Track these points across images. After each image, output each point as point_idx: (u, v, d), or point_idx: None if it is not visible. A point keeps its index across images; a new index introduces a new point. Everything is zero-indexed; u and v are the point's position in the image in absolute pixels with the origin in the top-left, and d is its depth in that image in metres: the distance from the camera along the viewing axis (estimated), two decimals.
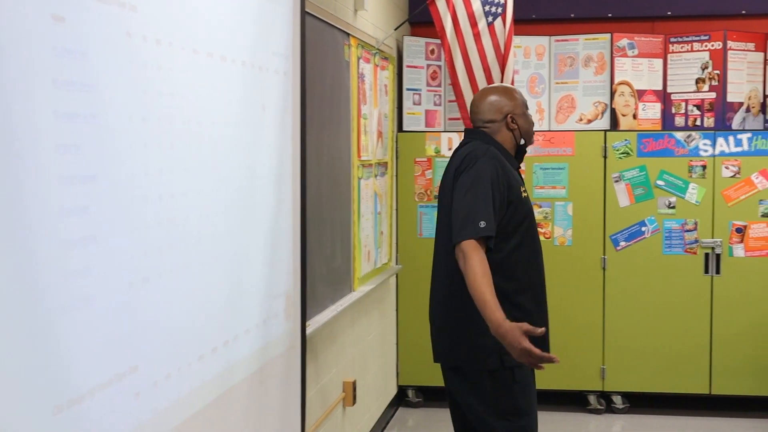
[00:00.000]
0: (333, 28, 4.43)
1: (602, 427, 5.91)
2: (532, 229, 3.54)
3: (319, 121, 4.19)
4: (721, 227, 5.93)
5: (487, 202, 3.29)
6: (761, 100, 6.11)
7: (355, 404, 4.81)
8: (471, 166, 3.39)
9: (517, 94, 3.64)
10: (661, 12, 6.43)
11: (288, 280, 3.19)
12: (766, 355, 5.95)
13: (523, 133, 3.61)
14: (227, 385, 2.66)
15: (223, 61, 2.61)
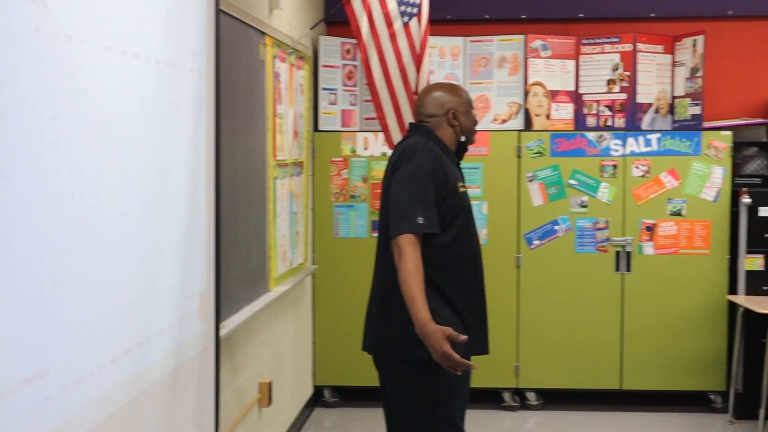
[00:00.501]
0: (248, 26, 4.40)
1: (516, 424, 5.98)
2: (469, 225, 3.56)
3: (234, 120, 4.15)
4: (632, 226, 6.06)
5: (425, 196, 3.33)
6: (670, 101, 6.25)
7: (270, 405, 4.79)
8: (408, 160, 3.42)
9: (462, 92, 3.67)
10: (573, 14, 6.52)
11: (202, 281, 3.15)
12: (675, 351, 6.09)
13: (464, 131, 3.64)
14: (140, 388, 2.62)
15: (137, 59, 2.57)
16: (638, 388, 6.16)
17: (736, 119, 6.32)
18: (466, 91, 3.71)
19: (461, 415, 3.55)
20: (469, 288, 3.52)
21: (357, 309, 6.12)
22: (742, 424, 5.85)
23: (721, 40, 6.42)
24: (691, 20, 6.41)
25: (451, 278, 3.46)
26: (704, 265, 6.05)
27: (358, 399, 6.26)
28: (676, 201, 6.04)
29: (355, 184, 6.15)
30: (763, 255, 5.93)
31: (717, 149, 6.02)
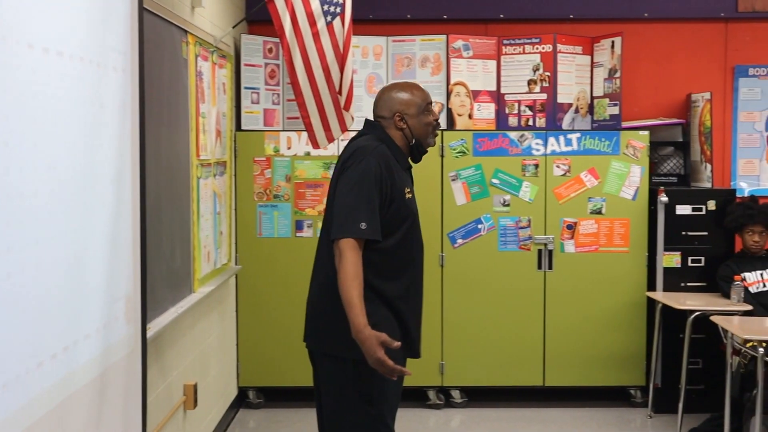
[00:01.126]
0: (170, 24, 4.34)
1: (441, 422, 6.01)
2: (414, 230, 3.56)
3: (158, 119, 4.10)
4: (553, 224, 6.14)
5: (370, 201, 3.33)
6: (589, 101, 6.35)
7: (196, 407, 4.73)
8: (357, 163, 3.42)
9: (416, 93, 3.61)
10: (494, 15, 6.58)
11: (128, 283, 3.10)
12: (596, 347, 6.19)
13: (414, 134, 3.59)
14: (68, 392, 2.56)
15: (60, 57, 2.51)
16: (560, 384, 6.24)
17: (653, 119, 6.45)
18: (423, 93, 3.65)
19: (392, 415, 3.57)
20: (409, 292, 3.53)
21: (281, 309, 6.12)
22: (661, 418, 5.97)
23: (638, 42, 6.54)
24: (609, 22, 6.53)
25: (392, 282, 3.47)
26: (624, 263, 6.17)
27: (283, 399, 6.24)
28: (596, 199, 6.14)
29: (278, 183, 6.12)
30: (680, 252, 6.07)
31: (635, 149, 6.13)
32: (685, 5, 6.58)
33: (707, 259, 6.06)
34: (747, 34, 6.64)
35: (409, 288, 3.54)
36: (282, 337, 6.14)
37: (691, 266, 6.07)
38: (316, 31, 5.18)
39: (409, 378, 5.35)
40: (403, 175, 3.56)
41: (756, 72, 6.64)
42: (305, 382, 6.08)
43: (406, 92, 3.61)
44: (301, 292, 5.96)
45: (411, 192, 3.58)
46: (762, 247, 5.83)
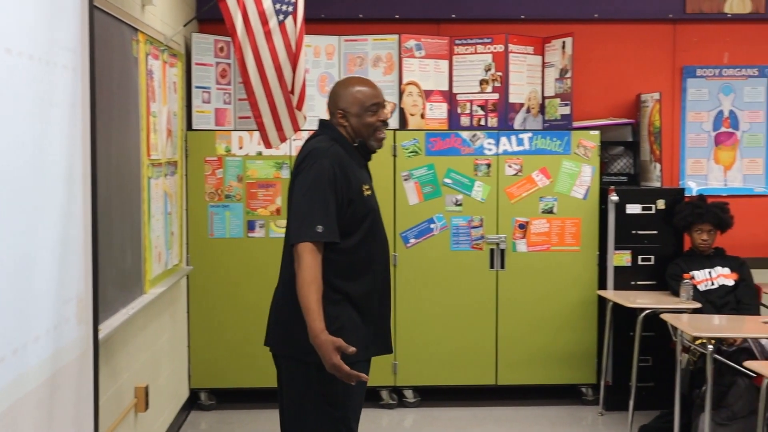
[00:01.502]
0: (120, 22, 4.29)
1: (395, 422, 6.01)
2: (375, 228, 3.55)
3: (109, 118, 4.04)
4: (505, 223, 6.16)
5: (325, 204, 3.32)
6: (540, 101, 6.39)
7: (147, 410, 4.68)
8: (311, 165, 3.40)
9: (363, 93, 3.55)
10: (446, 14, 6.60)
11: (79, 283, 3.05)
12: (548, 346, 6.23)
13: (355, 134, 3.55)
14: (18, 395, 2.52)
15: (8, 54, 2.47)
16: (513, 383, 6.27)
17: (604, 119, 6.51)
18: (373, 91, 3.58)
19: (356, 417, 3.57)
20: (374, 290, 3.52)
21: (233, 310, 6.08)
22: (612, 415, 6.02)
23: (589, 42, 6.59)
24: (560, 22, 6.58)
25: (357, 281, 3.46)
26: (575, 262, 6.21)
27: (235, 401, 6.20)
28: (548, 199, 6.17)
29: (230, 183, 6.07)
30: (631, 251, 6.12)
31: (586, 148, 6.18)
32: (634, 6, 6.65)
33: (657, 257, 6.13)
34: (695, 35, 6.73)
35: (374, 285, 3.52)
36: (234, 338, 6.10)
37: (641, 265, 6.13)
38: (268, 30, 5.15)
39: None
40: (360, 172, 3.54)
41: (704, 73, 6.73)
42: (257, 384, 6.09)
43: (353, 89, 3.56)
44: (254, 293, 5.98)
45: (370, 188, 3.55)
46: (710, 246, 5.90)
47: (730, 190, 6.74)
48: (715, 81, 6.73)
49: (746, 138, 6.77)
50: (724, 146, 6.76)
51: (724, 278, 5.80)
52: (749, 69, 6.74)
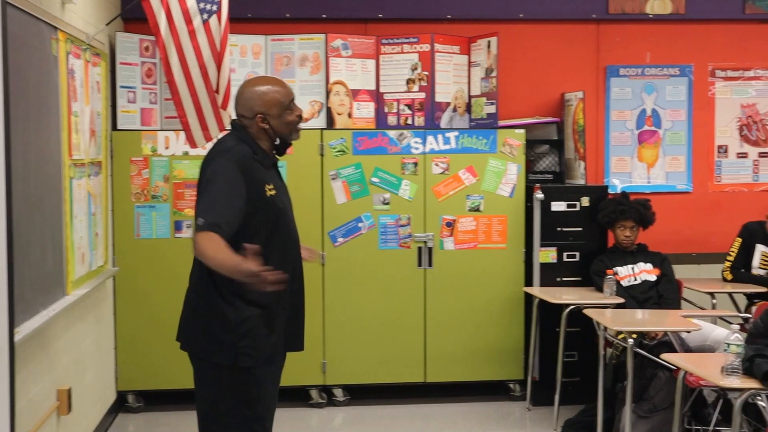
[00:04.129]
0: (38, 20, 4.23)
1: (324, 421, 6.02)
2: (284, 226, 3.53)
3: (25, 118, 3.98)
4: (433, 222, 6.20)
5: (223, 202, 3.30)
6: (466, 100, 6.44)
7: (70, 412, 4.62)
8: (209, 165, 3.42)
9: (278, 92, 3.53)
10: (373, 14, 6.62)
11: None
12: (476, 342, 6.28)
13: (277, 133, 3.54)
14: None
15: None
16: (441, 380, 6.32)
17: (529, 118, 6.59)
18: (285, 89, 3.58)
19: (270, 416, 3.58)
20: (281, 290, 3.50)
21: (160, 311, 6.03)
22: (539, 410, 6.10)
23: (514, 42, 6.66)
24: (486, 22, 6.64)
25: None
26: (502, 259, 6.27)
27: (163, 403, 6.15)
28: (474, 197, 6.23)
29: (156, 184, 6.03)
30: (556, 248, 6.20)
31: (512, 147, 6.24)
32: (559, 6, 6.74)
33: (581, 254, 6.21)
34: (618, 35, 6.84)
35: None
36: (162, 339, 6.04)
37: (567, 261, 6.21)
38: (192, 29, 5.12)
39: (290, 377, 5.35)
40: (266, 172, 3.53)
41: (626, 72, 6.85)
42: (186, 385, 5.98)
43: (267, 91, 3.53)
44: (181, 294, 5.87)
45: (277, 188, 3.54)
46: (633, 242, 6.00)
47: (654, 187, 6.87)
48: (638, 80, 6.86)
49: (668, 136, 6.90)
50: (647, 144, 6.89)
51: (647, 274, 5.90)
52: (671, 68, 6.88)
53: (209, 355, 3.45)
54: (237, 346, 3.39)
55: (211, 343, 3.41)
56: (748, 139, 6.96)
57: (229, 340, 3.40)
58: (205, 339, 3.44)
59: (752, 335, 4.34)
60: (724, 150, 6.95)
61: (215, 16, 5.19)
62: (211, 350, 3.43)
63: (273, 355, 3.52)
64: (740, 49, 6.94)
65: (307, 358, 6.10)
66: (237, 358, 3.40)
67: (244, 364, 3.42)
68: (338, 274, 6.16)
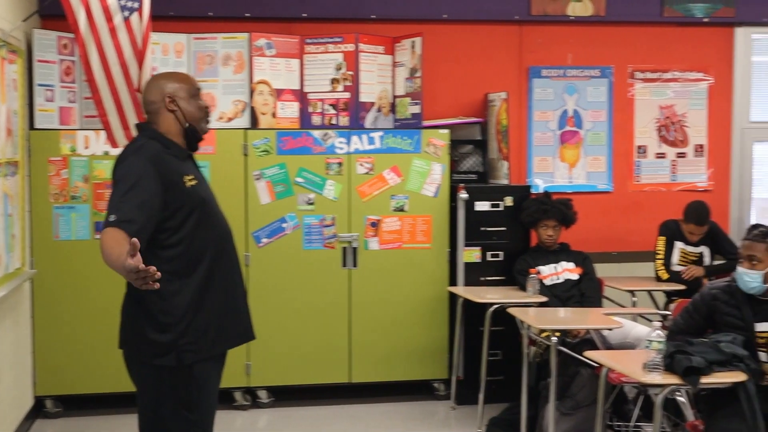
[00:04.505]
0: None
1: (248, 423, 5.96)
2: (208, 217, 3.49)
3: None
4: (357, 222, 6.19)
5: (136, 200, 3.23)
6: (391, 100, 6.45)
7: None
8: (121, 164, 3.37)
9: (184, 77, 3.60)
10: (297, 14, 6.59)
11: None
12: (400, 342, 6.29)
13: (187, 117, 3.53)
14: None
15: None
16: (366, 380, 6.31)
17: (453, 118, 6.62)
18: (191, 79, 3.63)
19: (212, 419, 3.55)
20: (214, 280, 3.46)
21: (80, 314, 5.92)
22: (463, 409, 6.13)
23: (438, 42, 6.69)
24: (410, 22, 6.65)
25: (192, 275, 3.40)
26: (426, 259, 6.29)
27: (84, 408, 6.03)
28: (399, 197, 6.23)
29: (76, 184, 5.91)
30: (480, 247, 6.24)
31: (436, 147, 6.27)
32: (482, 8, 6.78)
33: (505, 253, 6.26)
34: (540, 37, 6.91)
35: (213, 275, 3.47)
36: (82, 343, 5.94)
37: (491, 261, 6.26)
38: (112, 26, 5.02)
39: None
40: (182, 165, 3.49)
41: (549, 73, 6.92)
42: (107, 389, 5.94)
43: (173, 77, 3.61)
44: (102, 296, 5.84)
45: (195, 178, 3.50)
46: (555, 241, 6.07)
47: (575, 187, 6.96)
48: (560, 81, 6.94)
49: (589, 136, 6.99)
50: (569, 144, 6.97)
51: (569, 272, 5.98)
52: (591, 70, 6.97)
53: (150, 359, 3.40)
54: (178, 344, 3.36)
55: (150, 346, 3.37)
56: (666, 139, 7.09)
57: (169, 340, 3.36)
58: (145, 343, 3.39)
59: (672, 332, 4.44)
60: (643, 150, 7.07)
61: (136, 13, 5.10)
62: (151, 353, 3.38)
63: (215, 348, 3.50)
64: (658, 51, 7.07)
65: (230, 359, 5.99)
66: (180, 356, 3.37)
67: (189, 361, 3.38)
68: (262, 275, 6.11)
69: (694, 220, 6.16)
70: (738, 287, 4.24)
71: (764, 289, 4.17)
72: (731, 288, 4.28)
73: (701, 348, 4.04)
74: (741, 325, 4.21)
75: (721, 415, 4.03)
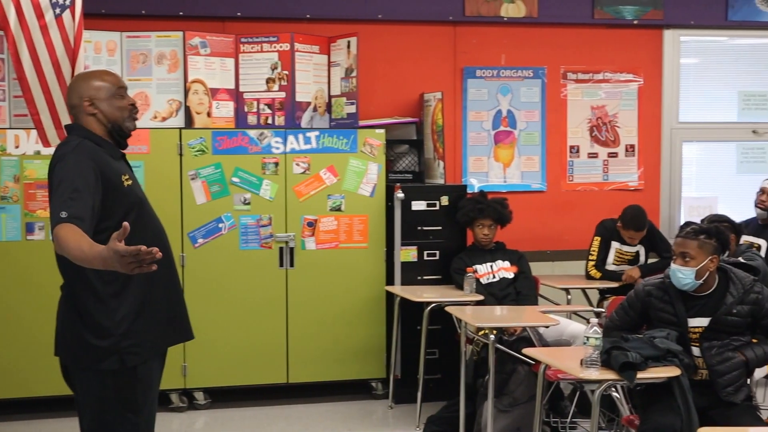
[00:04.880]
0: None
1: (185, 425, 5.92)
2: (144, 217, 3.46)
3: None
4: (294, 222, 6.18)
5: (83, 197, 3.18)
6: (327, 100, 6.45)
7: None
8: (59, 163, 3.30)
9: (105, 79, 3.50)
10: (231, 12, 6.55)
11: None
12: (338, 342, 6.29)
13: (108, 118, 3.47)
14: None
15: None
16: (304, 380, 6.30)
17: (389, 118, 6.64)
18: (113, 77, 3.55)
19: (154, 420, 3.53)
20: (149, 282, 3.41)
21: (12, 317, 5.82)
22: (402, 407, 6.15)
23: (373, 42, 6.70)
24: (345, 22, 6.65)
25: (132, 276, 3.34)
26: (363, 258, 6.30)
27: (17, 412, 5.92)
28: (336, 197, 6.23)
29: (6, 184, 5.80)
30: (417, 246, 6.27)
31: (372, 146, 6.28)
32: (417, 8, 6.82)
33: (442, 252, 6.30)
34: (474, 37, 6.97)
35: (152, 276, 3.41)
36: (13, 345, 5.83)
37: (427, 260, 6.29)
38: (44, 23, 4.94)
39: None
40: (117, 164, 3.45)
41: (483, 74, 6.99)
42: (41, 392, 5.83)
43: (94, 78, 3.52)
44: (34, 299, 5.74)
45: (131, 178, 3.47)
46: (491, 240, 6.13)
47: (509, 186, 7.03)
48: (494, 81, 7.00)
49: (523, 136, 7.07)
50: (503, 144, 7.04)
51: (505, 271, 6.03)
52: (525, 70, 7.05)
53: (93, 364, 3.35)
54: (121, 347, 3.32)
55: (91, 351, 3.32)
56: (598, 139, 7.20)
57: (111, 343, 3.31)
58: (85, 347, 3.34)
59: (608, 328, 4.50)
60: (576, 150, 7.17)
61: (68, 11, 5.03)
62: (93, 358, 3.33)
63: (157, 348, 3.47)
64: (590, 52, 7.18)
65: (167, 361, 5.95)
66: (123, 359, 3.33)
67: (131, 364, 3.35)
68: (199, 276, 6.06)
69: (633, 226, 6.22)
70: (671, 284, 4.32)
71: (697, 286, 4.25)
72: (665, 285, 4.36)
73: (637, 344, 4.10)
74: (675, 321, 4.28)
75: (656, 410, 4.10)
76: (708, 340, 4.24)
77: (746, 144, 7.51)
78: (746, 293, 4.25)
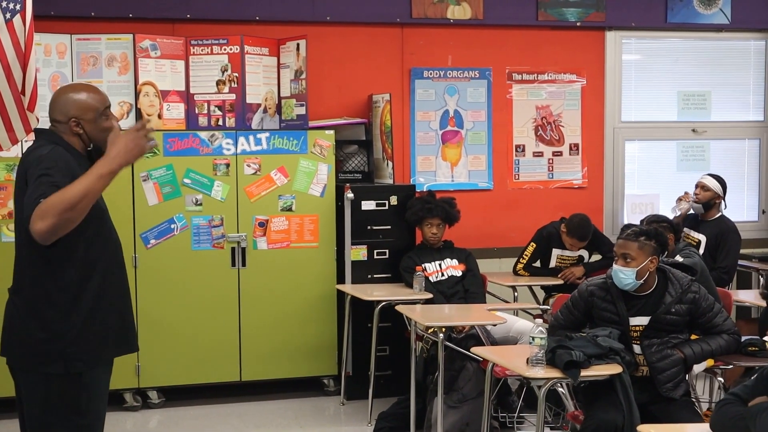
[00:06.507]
0: None
1: (139, 424, 5.97)
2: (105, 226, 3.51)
3: None
4: (246, 222, 6.25)
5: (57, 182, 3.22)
6: (277, 101, 6.52)
7: None
8: (35, 166, 3.30)
9: (93, 98, 3.51)
10: (181, 15, 6.59)
11: None
12: (290, 340, 6.38)
13: (91, 139, 3.51)
14: None
15: None
16: (257, 378, 6.38)
17: (338, 119, 6.73)
18: (101, 96, 3.57)
19: (101, 423, 3.55)
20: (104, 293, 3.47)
21: None
22: (353, 404, 6.26)
23: (322, 44, 6.78)
24: (294, 24, 6.73)
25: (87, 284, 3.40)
26: (314, 258, 6.39)
27: None
28: (287, 197, 6.32)
29: None
30: (367, 246, 6.38)
31: (322, 147, 6.37)
32: (365, 10, 6.91)
33: (391, 251, 6.42)
34: (421, 39, 7.08)
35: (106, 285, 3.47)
36: None
37: (377, 259, 6.41)
38: None
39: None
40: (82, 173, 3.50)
41: (430, 74, 7.10)
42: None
43: (82, 95, 3.51)
44: None
45: None
46: (440, 239, 6.25)
47: (457, 185, 7.16)
48: (441, 82, 7.13)
49: (470, 136, 7.21)
50: (451, 144, 7.17)
51: (453, 269, 6.16)
52: (471, 71, 7.18)
53: (38, 366, 3.38)
54: (66, 353, 3.34)
55: (38, 353, 3.35)
56: (543, 138, 7.36)
57: (58, 348, 3.34)
58: (32, 349, 3.37)
59: (553, 327, 4.66)
60: (522, 149, 7.32)
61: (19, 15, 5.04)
62: (39, 361, 3.36)
63: (104, 357, 3.50)
64: (534, 53, 7.33)
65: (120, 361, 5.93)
66: (68, 364, 3.36)
67: (76, 370, 3.37)
68: (151, 276, 6.12)
69: (577, 235, 6.32)
70: (613, 284, 4.47)
71: (637, 285, 4.41)
72: (607, 285, 4.51)
73: (580, 342, 4.25)
74: (617, 320, 4.44)
75: (599, 406, 4.25)
76: (648, 338, 4.41)
77: (686, 142, 7.73)
78: (684, 293, 4.43)
